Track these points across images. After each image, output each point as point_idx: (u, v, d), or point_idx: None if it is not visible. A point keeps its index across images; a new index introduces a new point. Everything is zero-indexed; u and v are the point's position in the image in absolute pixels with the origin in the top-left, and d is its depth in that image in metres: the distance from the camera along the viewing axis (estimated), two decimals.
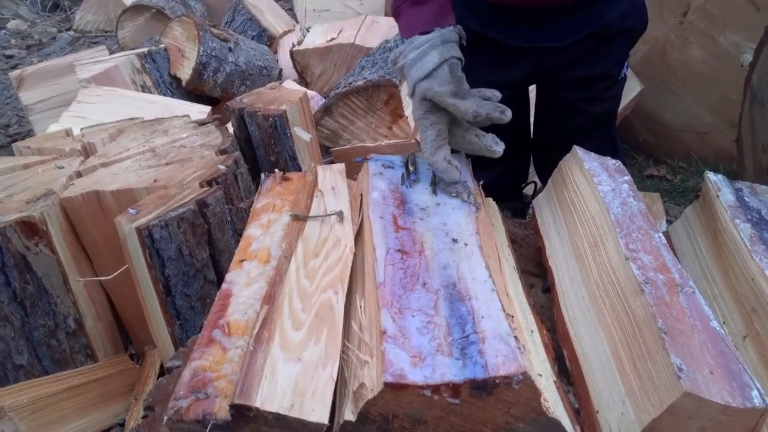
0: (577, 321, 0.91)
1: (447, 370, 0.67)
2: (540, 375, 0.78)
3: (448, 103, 1.03)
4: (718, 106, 2.28)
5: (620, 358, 0.78)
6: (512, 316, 0.81)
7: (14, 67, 4.31)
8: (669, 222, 1.93)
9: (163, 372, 1.40)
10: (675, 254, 1.09)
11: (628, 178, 1.05)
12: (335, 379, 0.71)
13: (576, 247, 0.99)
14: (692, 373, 0.68)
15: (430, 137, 1.06)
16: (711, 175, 1.09)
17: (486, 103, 1.04)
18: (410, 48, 1.07)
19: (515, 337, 0.72)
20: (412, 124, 2.25)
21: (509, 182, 1.69)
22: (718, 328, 0.74)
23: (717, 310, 0.97)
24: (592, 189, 1.01)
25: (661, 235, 0.91)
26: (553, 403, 0.72)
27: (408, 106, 2.10)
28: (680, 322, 0.75)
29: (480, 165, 1.17)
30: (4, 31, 5.29)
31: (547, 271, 1.06)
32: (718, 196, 1.03)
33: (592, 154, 1.13)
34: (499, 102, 1.06)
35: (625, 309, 0.81)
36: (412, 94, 1.07)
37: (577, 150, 1.12)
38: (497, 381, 0.66)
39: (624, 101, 2.37)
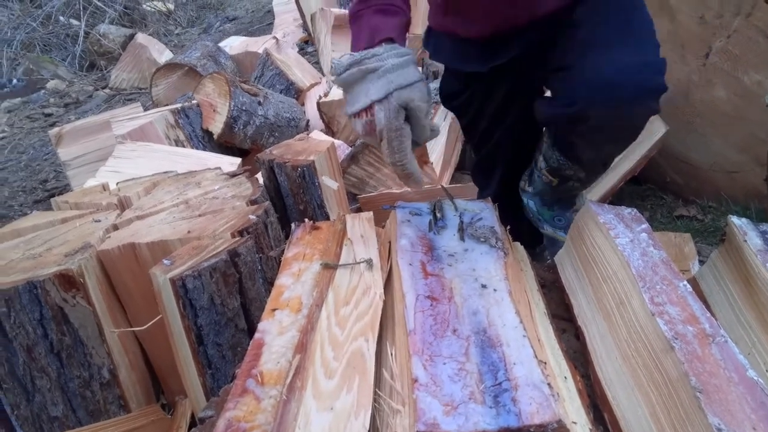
0: (613, 382, 0.88)
1: (480, 418, 0.67)
2: (575, 423, 0.77)
3: (421, 120, 1.05)
4: (745, 145, 2.26)
5: (660, 421, 0.76)
6: (545, 363, 0.80)
7: (53, 125, 4.50)
8: (701, 262, 1.90)
9: (194, 422, 1.40)
10: (705, 301, 1.07)
11: (645, 226, 1.04)
12: (368, 429, 0.71)
13: (602, 305, 0.97)
14: None
15: (407, 147, 1.05)
16: (735, 219, 1.07)
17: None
18: (389, 54, 1.06)
19: (548, 384, 0.71)
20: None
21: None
22: (755, 378, 0.72)
23: (758, 358, 0.93)
24: (610, 243, 1.00)
25: (686, 283, 0.89)
26: None
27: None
28: (715, 377, 0.72)
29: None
30: (43, 91, 5.55)
31: (577, 330, 1.04)
32: (745, 241, 1.01)
33: (606, 206, 1.12)
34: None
35: (658, 368, 0.79)
36: (383, 98, 1.03)
37: (591, 204, 1.11)
38: (531, 430, 0.65)
39: (649, 143, 2.37)
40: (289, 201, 1.82)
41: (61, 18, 6.77)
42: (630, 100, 1.11)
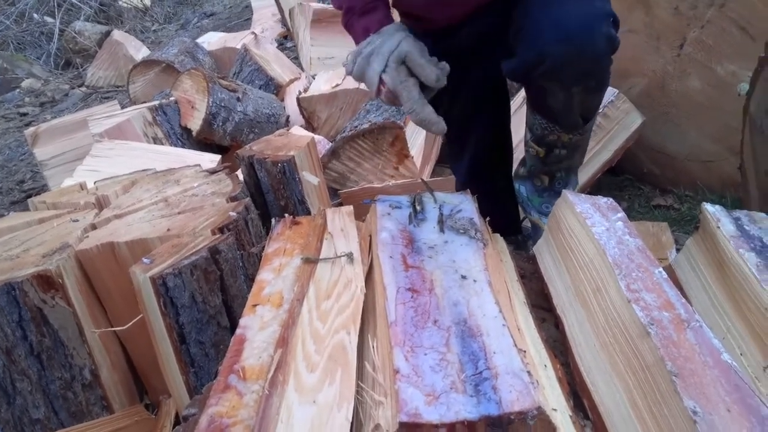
0: (592, 370, 0.90)
1: (461, 407, 0.68)
2: (555, 410, 0.78)
3: (419, 62, 1.16)
4: (720, 135, 2.30)
5: (637, 406, 0.77)
6: (524, 351, 0.81)
7: (29, 125, 4.42)
8: (679, 251, 1.93)
9: (178, 421, 1.39)
10: (680, 287, 1.09)
11: (621, 215, 1.06)
12: (351, 421, 0.71)
13: (580, 293, 0.99)
14: (708, 415, 0.67)
15: (415, 95, 1.16)
16: (708, 207, 1.10)
17: (441, 70, 1.17)
18: (374, 38, 1.22)
19: (528, 372, 0.72)
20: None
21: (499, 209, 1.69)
22: (729, 361, 0.74)
23: (732, 342, 0.96)
24: (587, 232, 1.02)
25: (661, 270, 0.91)
26: None
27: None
28: (690, 361, 0.74)
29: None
30: (18, 90, 5.46)
31: (557, 319, 1.06)
32: (719, 227, 1.03)
33: (583, 195, 1.13)
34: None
35: (635, 354, 0.80)
36: (384, 69, 1.18)
37: (567, 194, 1.13)
38: (512, 417, 0.66)
39: (626, 134, 2.40)
40: (270, 197, 1.81)
41: (35, 15, 6.66)
42: (577, 30, 1.18)
